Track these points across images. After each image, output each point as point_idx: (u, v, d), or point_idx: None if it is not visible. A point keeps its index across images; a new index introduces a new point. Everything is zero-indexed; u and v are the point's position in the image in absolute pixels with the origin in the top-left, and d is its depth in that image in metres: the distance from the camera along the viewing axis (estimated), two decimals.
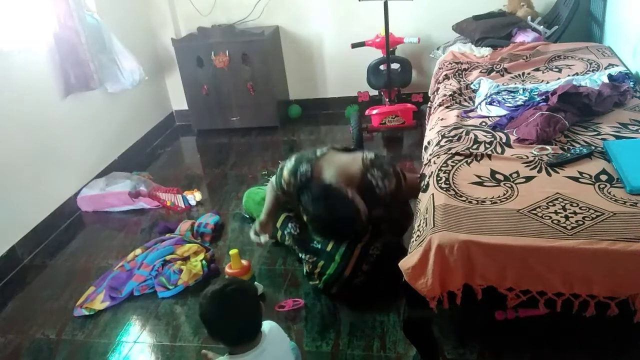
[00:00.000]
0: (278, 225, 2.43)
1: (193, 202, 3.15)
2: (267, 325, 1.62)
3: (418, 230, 1.70)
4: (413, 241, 1.69)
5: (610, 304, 1.50)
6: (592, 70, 2.74)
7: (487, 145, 2.07)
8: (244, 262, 2.28)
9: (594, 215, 1.56)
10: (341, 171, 2.12)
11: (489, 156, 1.98)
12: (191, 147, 4.20)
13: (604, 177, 1.76)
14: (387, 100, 3.81)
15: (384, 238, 2.24)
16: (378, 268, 2.22)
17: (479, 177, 1.85)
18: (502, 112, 2.34)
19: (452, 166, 1.93)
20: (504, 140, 2.11)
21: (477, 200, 1.70)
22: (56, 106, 3.17)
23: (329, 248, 2.19)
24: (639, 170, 1.70)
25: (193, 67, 4.01)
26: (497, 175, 1.84)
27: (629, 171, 1.71)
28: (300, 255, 2.32)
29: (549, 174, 1.82)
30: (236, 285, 1.55)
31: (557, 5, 3.66)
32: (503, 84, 2.69)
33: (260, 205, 2.48)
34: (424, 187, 1.93)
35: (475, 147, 2.07)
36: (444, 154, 2.03)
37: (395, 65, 3.83)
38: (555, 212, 1.59)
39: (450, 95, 2.72)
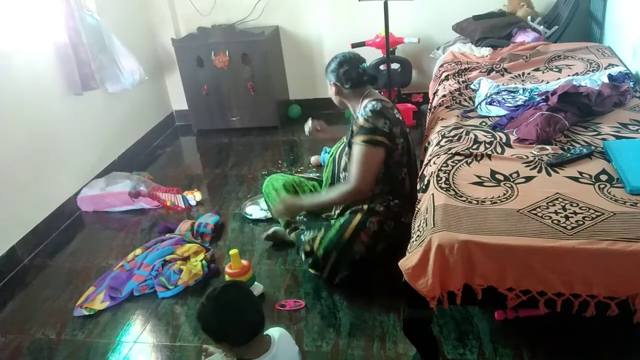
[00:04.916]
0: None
1: (193, 202, 3.15)
2: (277, 332, 1.62)
3: (418, 230, 1.70)
4: (413, 241, 1.69)
5: (610, 304, 1.50)
6: (592, 70, 2.74)
7: (487, 145, 2.07)
8: (244, 262, 2.28)
9: (594, 215, 1.56)
10: None
11: (489, 156, 1.98)
12: (191, 147, 4.20)
13: (604, 177, 1.76)
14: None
15: (380, 216, 2.26)
16: (377, 243, 2.27)
17: (479, 177, 1.85)
18: (502, 112, 2.34)
19: (452, 166, 1.93)
20: (504, 140, 2.11)
21: (477, 200, 1.70)
22: (56, 106, 3.17)
23: (331, 221, 2.30)
24: (639, 170, 1.70)
25: (193, 67, 4.01)
26: (497, 175, 1.84)
27: (629, 171, 1.71)
28: (303, 236, 2.31)
29: (549, 174, 1.82)
30: (224, 284, 1.62)
31: (557, 5, 3.66)
32: (503, 84, 2.69)
33: (278, 192, 2.51)
34: (424, 187, 1.93)
35: (475, 147, 2.07)
36: (444, 154, 2.03)
37: (395, 65, 3.83)
38: (555, 212, 1.59)
39: (450, 95, 2.72)
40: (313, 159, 3.46)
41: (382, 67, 3.79)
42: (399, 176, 2.28)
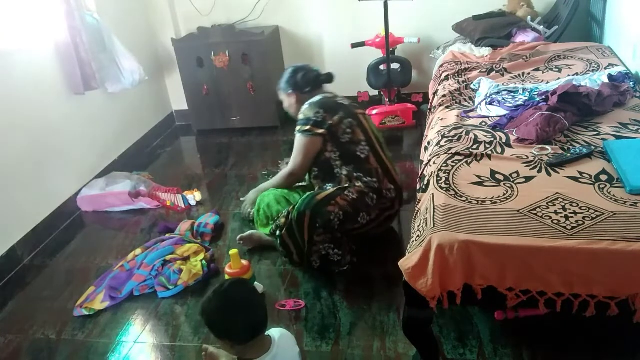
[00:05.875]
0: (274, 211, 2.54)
1: (193, 202, 3.15)
2: (278, 332, 1.62)
3: (418, 230, 1.70)
4: (413, 241, 1.69)
5: (610, 304, 1.50)
6: (592, 70, 2.74)
7: (487, 145, 2.07)
8: (244, 262, 2.28)
9: (594, 215, 1.56)
10: None
11: (489, 156, 1.98)
12: (191, 147, 4.20)
13: (604, 177, 1.76)
14: (387, 100, 3.82)
15: (360, 189, 2.33)
16: (356, 211, 2.32)
17: (479, 177, 1.85)
18: (502, 112, 2.35)
19: (452, 166, 1.93)
20: (504, 140, 2.11)
21: (477, 200, 1.70)
22: (56, 106, 3.17)
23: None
24: (639, 170, 1.70)
25: (193, 67, 4.01)
26: (497, 175, 1.84)
27: (629, 171, 1.71)
28: (282, 217, 2.36)
29: (549, 174, 1.82)
30: (231, 280, 1.65)
31: (557, 5, 3.66)
32: (503, 84, 2.69)
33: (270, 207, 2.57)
34: (424, 187, 1.94)
35: (475, 147, 2.07)
36: (444, 154, 2.03)
37: (395, 65, 3.83)
38: (555, 212, 1.59)
39: (450, 95, 2.72)
40: None
41: (382, 67, 3.80)
42: (361, 154, 2.36)
